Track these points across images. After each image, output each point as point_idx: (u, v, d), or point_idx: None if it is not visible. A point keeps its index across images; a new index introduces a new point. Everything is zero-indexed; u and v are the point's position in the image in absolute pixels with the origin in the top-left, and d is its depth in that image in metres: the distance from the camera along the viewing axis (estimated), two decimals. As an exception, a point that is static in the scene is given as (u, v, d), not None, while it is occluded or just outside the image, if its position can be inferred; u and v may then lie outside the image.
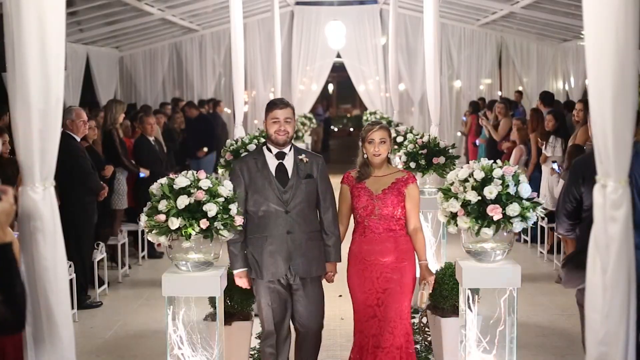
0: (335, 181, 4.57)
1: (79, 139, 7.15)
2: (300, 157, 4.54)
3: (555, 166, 8.19)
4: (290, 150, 4.56)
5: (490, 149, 11.32)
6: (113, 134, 8.51)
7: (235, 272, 4.57)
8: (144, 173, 8.58)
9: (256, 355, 5.44)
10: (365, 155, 4.63)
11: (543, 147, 8.82)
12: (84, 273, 7.02)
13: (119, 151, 8.47)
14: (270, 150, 4.54)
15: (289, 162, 4.53)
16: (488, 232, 4.16)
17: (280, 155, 4.53)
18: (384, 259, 4.49)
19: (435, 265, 6.25)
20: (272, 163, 4.51)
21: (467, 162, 4.51)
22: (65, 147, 6.81)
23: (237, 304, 5.30)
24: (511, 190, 4.16)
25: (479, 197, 4.17)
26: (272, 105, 4.55)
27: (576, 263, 6.08)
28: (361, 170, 4.62)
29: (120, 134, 8.82)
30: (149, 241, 5.23)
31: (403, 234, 4.55)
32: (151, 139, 8.93)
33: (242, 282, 4.59)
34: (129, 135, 9.41)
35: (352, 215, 4.67)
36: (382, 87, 16.97)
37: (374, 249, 4.50)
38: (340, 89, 28.00)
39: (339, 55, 17.03)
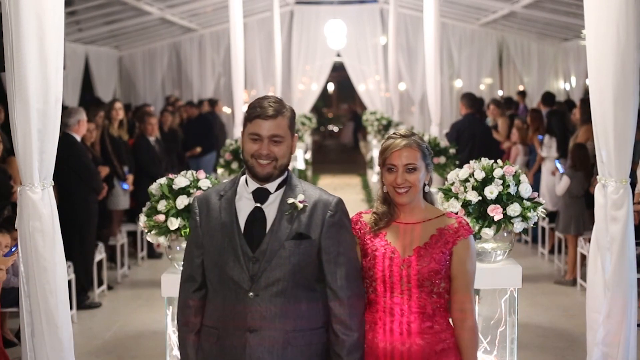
0: (332, 183, 3.41)
1: (79, 139, 7.18)
2: (292, 200, 2.68)
3: (559, 165, 8.17)
4: (279, 187, 2.72)
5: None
6: (103, 134, 8.42)
7: None
8: (127, 185, 8.46)
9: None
10: (385, 188, 2.88)
11: (539, 147, 8.80)
12: (86, 273, 7.01)
13: (108, 150, 8.34)
14: (247, 184, 2.75)
15: (271, 209, 2.70)
16: (489, 232, 4.15)
17: (260, 196, 2.71)
18: None
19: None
20: (245, 206, 2.71)
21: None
22: (71, 147, 6.91)
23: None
24: (512, 190, 4.15)
25: (480, 197, 4.16)
26: (254, 111, 2.68)
27: None
28: (380, 211, 2.86)
29: (115, 133, 8.65)
30: (148, 241, 5.23)
31: (444, 323, 2.82)
32: (152, 139, 8.89)
33: None
34: (134, 136, 9.27)
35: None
36: (382, 87, 16.95)
37: (396, 348, 2.77)
38: (340, 88, 28.01)
39: (338, 55, 17.03)
